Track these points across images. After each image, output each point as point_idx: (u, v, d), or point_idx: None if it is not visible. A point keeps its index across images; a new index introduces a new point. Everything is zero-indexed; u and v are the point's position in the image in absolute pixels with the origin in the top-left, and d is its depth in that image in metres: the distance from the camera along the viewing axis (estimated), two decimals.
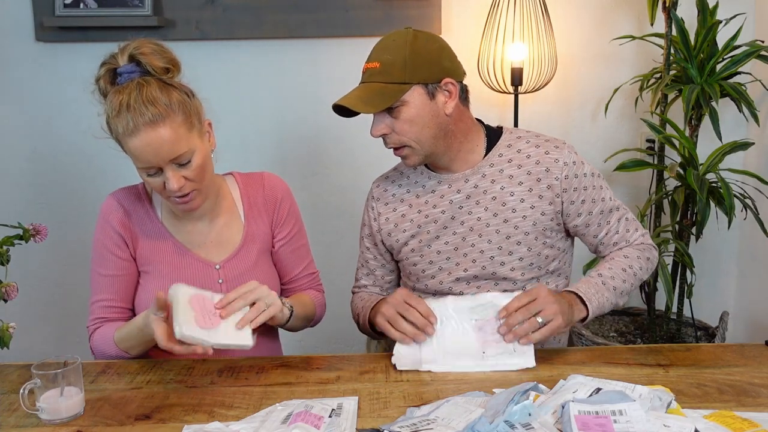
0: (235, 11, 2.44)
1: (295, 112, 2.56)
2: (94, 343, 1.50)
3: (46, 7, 2.41)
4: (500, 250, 1.55)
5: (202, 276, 1.51)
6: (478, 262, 1.57)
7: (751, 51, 2.17)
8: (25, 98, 2.52)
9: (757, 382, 1.31)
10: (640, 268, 1.58)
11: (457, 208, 1.57)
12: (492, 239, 1.55)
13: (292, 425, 1.13)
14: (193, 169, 1.39)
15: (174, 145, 1.35)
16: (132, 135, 1.33)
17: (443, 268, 1.59)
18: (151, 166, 1.36)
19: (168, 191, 1.39)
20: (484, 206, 1.55)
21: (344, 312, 1.78)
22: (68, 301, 2.63)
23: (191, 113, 1.39)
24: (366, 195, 1.71)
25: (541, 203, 1.54)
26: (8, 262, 1.38)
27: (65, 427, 1.21)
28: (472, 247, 1.57)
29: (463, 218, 1.57)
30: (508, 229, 1.55)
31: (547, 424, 1.12)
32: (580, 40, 2.50)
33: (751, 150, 2.27)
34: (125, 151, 1.39)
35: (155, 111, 1.33)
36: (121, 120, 1.34)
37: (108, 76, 1.40)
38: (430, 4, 2.43)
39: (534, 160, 1.55)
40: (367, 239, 1.70)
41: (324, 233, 2.58)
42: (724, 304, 2.55)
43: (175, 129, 1.35)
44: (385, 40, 1.50)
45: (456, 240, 1.58)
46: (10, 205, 2.56)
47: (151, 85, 1.36)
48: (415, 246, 1.61)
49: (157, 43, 1.41)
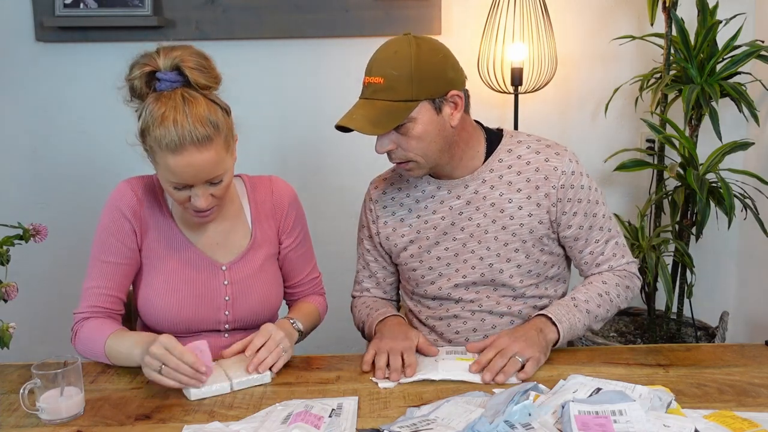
0: (235, 11, 2.44)
1: (295, 112, 2.55)
2: (80, 337, 1.45)
3: (46, 7, 2.41)
4: (498, 257, 1.54)
5: (207, 276, 1.50)
6: (477, 269, 1.55)
7: (751, 51, 2.16)
8: (25, 98, 2.52)
9: (757, 382, 1.31)
10: (618, 296, 1.55)
11: (456, 214, 1.56)
12: (491, 246, 1.54)
13: (292, 425, 1.13)
14: (221, 188, 1.39)
15: (214, 168, 1.34)
16: (175, 152, 1.30)
17: (443, 274, 1.58)
18: (185, 184, 1.35)
19: (193, 207, 1.38)
20: (483, 212, 1.54)
21: (344, 312, 1.78)
22: (68, 301, 2.61)
23: (230, 134, 1.38)
24: (366, 191, 1.70)
25: (539, 211, 1.52)
26: (8, 262, 1.38)
27: (65, 427, 1.21)
28: (472, 254, 1.55)
29: (463, 224, 1.55)
30: (506, 236, 1.53)
31: (547, 424, 1.12)
32: (580, 40, 2.49)
33: (751, 150, 2.27)
34: (157, 161, 1.35)
35: (204, 132, 1.30)
36: (165, 134, 1.29)
37: (145, 77, 1.34)
38: (430, 4, 2.43)
39: (534, 167, 1.53)
40: (366, 241, 1.69)
41: (324, 233, 2.58)
42: (724, 304, 2.55)
43: (218, 152, 1.33)
44: (385, 51, 1.44)
45: (456, 246, 1.56)
46: (10, 205, 2.56)
47: (199, 102, 1.32)
48: (414, 251, 1.60)
49: (201, 54, 1.37)
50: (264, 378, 1.34)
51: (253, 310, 1.53)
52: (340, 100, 2.53)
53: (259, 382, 1.33)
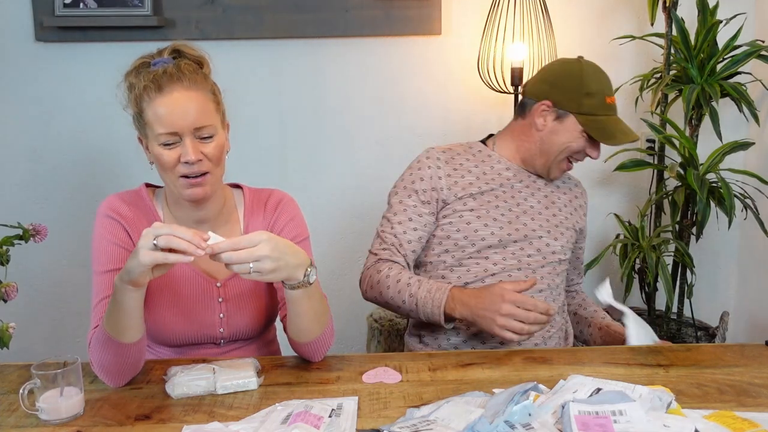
0: (235, 11, 2.44)
1: (294, 112, 2.55)
2: (92, 347, 1.33)
3: (46, 7, 2.41)
4: (548, 234, 1.72)
5: (201, 291, 1.46)
6: (529, 239, 1.69)
7: (751, 51, 2.17)
8: (25, 98, 2.52)
9: (757, 382, 1.31)
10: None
11: (516, 191, 1.73)
12: (542, 224, 1.73)
13: (292, 425, 1.13)
14: (212, 147, 1.36)
15: (202, 113, 1.34)
16: (161, 92, 1.33)
17: (490, 227, 1.68)
18: (173, 131, 1.33)
19: (184, 160, 1.33)
20: (538, 199, 1.75)
21: (344, 312, 1.79)
22: (68, 301, 2.63)
23: (219, 99, 1.42)
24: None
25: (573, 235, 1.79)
26: (8, 262, 1.38)
27: (65, 427, 1.21)
28: (524, 226, 1.70)
29: (519, 201, 1.73)
30: (552, 224, 1.74)
31: (547, 424, 1.12)
32: (580, 40, 2.49)
33: (751, 150, 2.27)
34: (144, 119, 1.35)
35: (190, 78, 1.35)
36: (152, 74, 1.33)
37: (138, 69, 1.38)
38: (430, 4, 2.43)
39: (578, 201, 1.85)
40: (414, 196, 1.70)
41: (323, 234, 2.58)
42: (724, 304, 2.55)
43: (205, 99, 1.36)
44: (605, 75, 1.74)
45: (508, 213, 1.70)
46: (10, 205, 2.56)
47: (188, 63, 1.38)
48: (474, 206, 1.69)
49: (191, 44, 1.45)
50: (249, 384, 1.32)
51: (247, 326, 1.50)
52: (340, 100, 2.56)
53: (243, 388, 1.31)
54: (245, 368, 1.34)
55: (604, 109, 1.68)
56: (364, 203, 2.56)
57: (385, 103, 2.54)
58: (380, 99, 2.54)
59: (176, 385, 1.29)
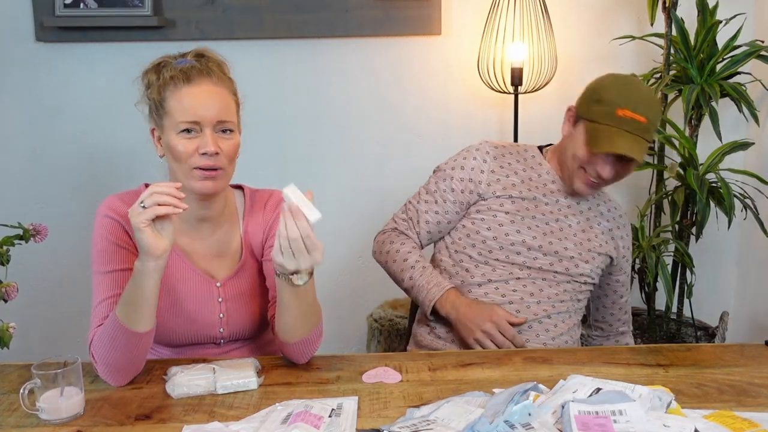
0: (235, 11, 2.45)
1: (294, 112, 2.56)
2: (95, 344, 1.32)
3: (46, 7, 2.41)
4: (580, 256, 1.69)
5: (201, 291, 1.47)
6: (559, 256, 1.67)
7: (751, 51, 2.17)
8: (25, 98, 2.52)
9: (757, 382, 1.31)
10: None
11: (557, 207, 1.71)
12: (576, 245, 1.69)
13: (292, 425, 1.13)
14: (230, 144, 1.38)
15: (225, 109, 1.37)
16: (189, 83, 1.36)
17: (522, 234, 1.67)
18: (195, 120, 1.34)
19: (203, 150, 1.34)
20: (578, 220, 1.72)
21: (344, 312, 1.79)
22: (68, 301, 2.63)
23: (239, 102, 1.45)
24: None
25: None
26: (8, 262, 1.38)
27: (65, 427, 1.21)
28: (558, 242, 1.68)
29: (558, 217, 1.70)
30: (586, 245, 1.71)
31: (547, 424, 1.12)
32: (580, 40, 2.50)
33: (751, 150, 2.27)
34: (165, 107, 1.36)
35: (218, 75, 1.39)
36: (180, 71, 1.36)
37: (159, 65, 1.40)
38: (430, 4, 2.43)
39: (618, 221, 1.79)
40: (448, 181, 1.73)
41: (323, 234, 2.58)
42: (724, 304, 2.55)
43: (229, 97, 1.40)
44: (648, 92, 1.64)
45: (544, 226, 1.68)
46: (10, 205, 2.56)
47: (214, 62, 1.42)
48: (510, 209, 1.68)
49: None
50: (249, 384, 1.32)
51: (247, 326, 1.50)
52: (340, 100, 2.56)
53: (243, 388, 1.31)
54: (245, 368, 1.34)
55: (610, 119, 1.57)
56: (363, 203, 2.56)
57: (385, 103, 2.54)
58: (380, 99, 2.54)
59: (176, 385, 1.29)
